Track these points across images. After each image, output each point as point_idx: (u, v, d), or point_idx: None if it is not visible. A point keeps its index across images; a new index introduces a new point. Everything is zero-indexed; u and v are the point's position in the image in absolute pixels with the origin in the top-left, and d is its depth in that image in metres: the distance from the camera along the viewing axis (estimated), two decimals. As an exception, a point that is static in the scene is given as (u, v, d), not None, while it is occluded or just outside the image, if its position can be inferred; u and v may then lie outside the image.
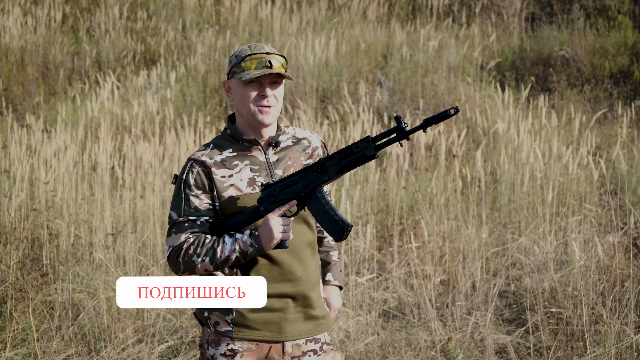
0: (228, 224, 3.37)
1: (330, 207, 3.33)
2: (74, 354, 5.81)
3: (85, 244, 7.15)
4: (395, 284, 6.82)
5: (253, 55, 3.33)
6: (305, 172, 3.33)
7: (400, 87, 12.15)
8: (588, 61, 13.43)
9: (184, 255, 3.29)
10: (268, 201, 3.33)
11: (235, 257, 3.27)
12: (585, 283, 6.40)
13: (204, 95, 11.98)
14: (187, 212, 3.34)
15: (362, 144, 3.22)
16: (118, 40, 13.74)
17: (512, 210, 8.09)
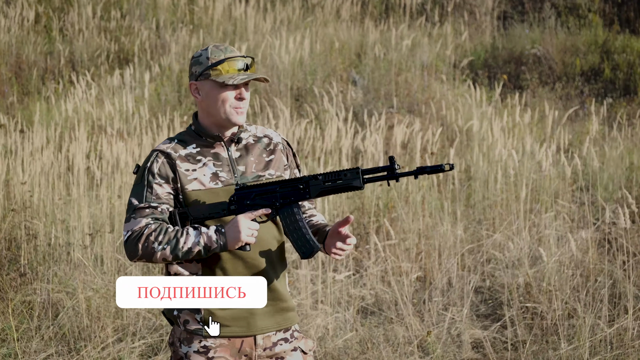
0: (195, 214, 3.37)
1: (304, 225, 3.37)
2: (54, 353, 5.84)
3: (63, 244, 7.17)
4: (373, 281, 6.89)
5: (230, 59, 3.38)
6: (285, 183, 3.37)
7: (374, 85, 12.23)
8: (559, 59, 13.58)
9: (145, 242, 3.27)
10: (242, 202, 3.36)
11: (198, 251, 3.28)
12: (559, 278, 6.51)
13: (178, 94, 12.00)
14: (149, 199, 3.35)
15: (351, 173, 3.27)
16: (91, 40, 13.72)
17: (487, 207, 8.20)
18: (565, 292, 6.37)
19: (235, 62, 3.38)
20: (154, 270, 6.94)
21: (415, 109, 11.60)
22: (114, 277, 6.69)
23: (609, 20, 15.06)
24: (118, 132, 9.86)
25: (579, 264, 6.84)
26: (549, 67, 13.51)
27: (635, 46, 13.58)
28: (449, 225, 7.50)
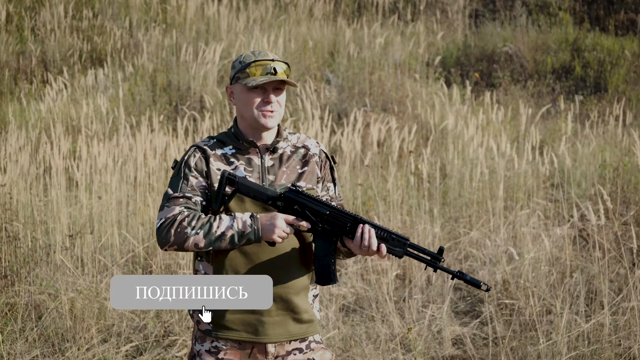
0: (242, 187, 3.40)
1: (332, 256, 3.42)
2: (39, 355, 5.88)
3: (44, 245, 7.20)
4: (353, 280, 6.99)
5: (258, 62, 3.44)
6: (337, 213, 3.40)
7: (348, 84, 12.33)
8: (531, 57, 13.76)
9: (177, 227, 3.28)
10: (291, 204, 3.40)
11: (231, 236, 3.29)
12: (536, 275, 6.65)
13: (152, 94, 12.02)
14: (184, 190, 3.40)
15: (399, 240, 3.34)
16: (64, 40, 13.69)
17: (463, 205, 8.32)
18: (542, 289, 6.50)
19: (262, 66, 3.45)
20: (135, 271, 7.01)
21: (389, 107, 11.71)
22: (96, 278, 6.75)
23: (579, 18, 15.27)
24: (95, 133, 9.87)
25: (555, 261, 6.98)
26: (520, 65, 13.67)
27: (605, 44, 13.79)
28: (427, 223, 7.62)
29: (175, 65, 12.57)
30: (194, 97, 11.83)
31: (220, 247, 3.32)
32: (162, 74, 12.38)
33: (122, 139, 9.03)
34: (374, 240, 3.33)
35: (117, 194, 7.81)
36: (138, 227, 7.49)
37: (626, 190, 8.56)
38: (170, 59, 12.86)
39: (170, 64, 12.71)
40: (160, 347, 6.03)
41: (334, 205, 3.43)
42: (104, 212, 7.57)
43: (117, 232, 7.32)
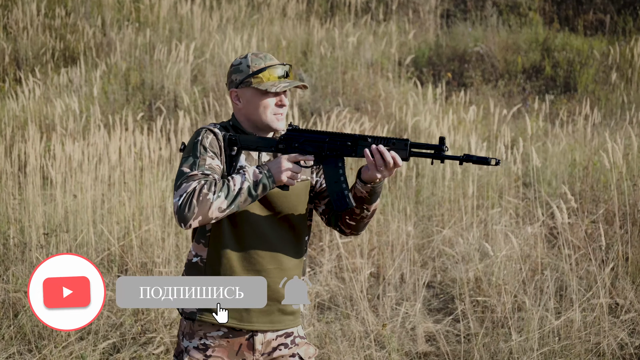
0: (244, 142, 3.48)
1: (344, 180, 3.48)
2: (16, 352, 5.91)
3: (19, 243, 7.22)
4: (327, 277, 7.07)
5: (271, 67, 3.51)
6: (335, 136, 3.48)
7: (321, 83, 12.40)
8: (501, 57, 13.90)
9: (198, 196, 3.27)
10: (290, 143, 3.49)
11: (247, 188, 3.33)
12: (507, 272, 6.76)
13: (126, 93, 12.04)
14: (202, 168, 3.40)
15: (399, 143, 3.38)
16: (36, 38, 13.66)
17: (436, 204, 8.42)
18: (514, 286, 6.61)
19: (275, 70, 3.51)
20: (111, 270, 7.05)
21: (362, 107, 11.80)
22: (72, 277, 6.77)
23: (549, 18, 15.44)
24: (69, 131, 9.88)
25: (527, 258, 7.09)
26: (491, 65, 13.81)
27: (575, 44, 13.96)
28: (400, 222, 7.71)
29: (149, 64, 12.59)
30: (167, 96, 11.85)
31: (240, 205, 3.34)
32: (135, 72, 12.39)
33: (96, 137, 9.04)
34: (387, 155, 3.36)
35: (92, 193, 7.84)
36: (114, 225, 7.52)
37: (595, 188, 8.70)
38: (143, 57, 12.88)
39: (143, 63, 12.72)
40: (137, 344, 6.07)
41: (330, 131, 3.50)
42: (79, 210, 7.60)
43: (93, 231, 7.35)
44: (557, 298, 6.55)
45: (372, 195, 3.53)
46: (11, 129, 10.10)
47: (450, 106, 11.84)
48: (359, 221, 3.61)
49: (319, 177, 3.70)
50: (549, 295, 6.39)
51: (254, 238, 3.52)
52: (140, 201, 7.91)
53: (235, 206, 3.33)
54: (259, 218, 3.53)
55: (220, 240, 3.50)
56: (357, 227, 3.64)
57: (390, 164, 3.36)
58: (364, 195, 3.51)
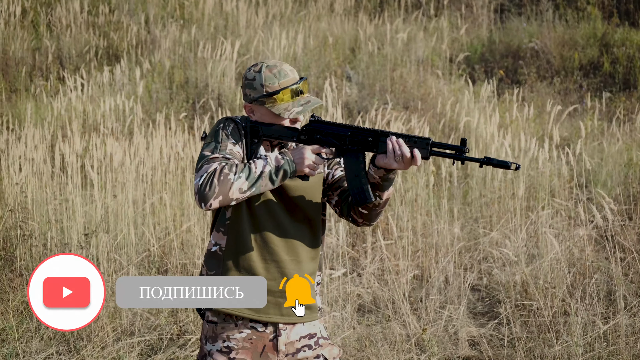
0: (266, 131, 3.62)
1: (364, 175, 3.59)
2: (55, 353, 6.10)
3: (59, 244, 7.42)
4: (370, 280, 7.17)
5: (284, 89, 3.61)
6: (357, 131, 3.62)
7: (369, 81, 12.49)
8: (557, 53, 13.85)
9: (219, 175, 3.40)
10: (312, 134, 3.63)
11: (268, 172, 3.46)
12: (555, 276, 6.80)
13: (170, 91, 12.23)
14: (224, 152, 3.53)
15: (421, 141, 3.51)
16: (80, 36, 13.91)
17: (484, 205, 8.48)
18: (562, 290, 6.65)
19: (289, 89, 3.62)
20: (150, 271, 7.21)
21: (411, 105, 11.88)
22: (112, 278, 6.96)
23: (608, 12, 15.34)
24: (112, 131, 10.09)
25: (576, 262, 7.12)
26: (546, 62, 13.78)
27: (635, 39, 13.85)
28: (446, 223, 7.78)
29: (193, 62, 12.78)
30: (211, 94, 12.03)
31: (261, 188, 3.47)
32: (179, 70, 12.58)
33: (138, 137, 9.21)
34: (406, 148, 3.49)
35: (133, 193, 8.01)
36: (154, 226, 7.70)
37: (651, 190, 8.69)
38: (187, 55, 13.08)
39: (187, 61, 12.92)
40: (175, 345, 6.23)
41: (353, 125, 3.63)
42: (119, 210, 7.78)
43: (133, 231, 7.53)
44: (605, 302, 6.58)
45: (385, 181, 3.63)
46: (54, 128, 10.33)
47: (503, 104, 11.85)
48: (372, 210, 3.70)
49: (330, 168, 3.83)
50: (597, 299, 6.42)
51: (271, 228, 3.65)
52: (181, 201, 8.07)
53: (256, 189, 3.46)
54: (277, 208, 3.66)
55: (239, 228, 3.63)
56: (369, 217, 3.73)
57: (407, 157, 3.49)
58: (376, 181, 3.62)
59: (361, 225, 3.79)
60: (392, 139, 3.52)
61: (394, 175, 3.64)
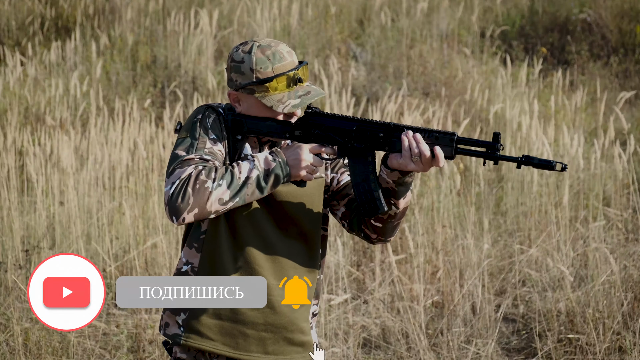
0: (251, 125, 3.57)
1: (374, 179, 3.54)
2: None
3: (-8, 263, 7.41)
4: (378, 307, 7.15)
5: (279, 77, 3.54)
6: (364, 124, 3.57)
7: (380, 61, 12.49)
8: (615, 26, 13.84)
9: (195, 183, 3.35)
10: (310, 129, 3.58)
11: (256, 177, 3.41)
12: (608, 303, 6.78)
13: (133, 73, 12.22)
14: (201, 152, 3.48)
15: (444, 137, 3.45)
16: (21, 4, 13.87)
17: (521, 215, 8.46)
18: (617, 320, 6.63)
19: (285, 77, 3.56)
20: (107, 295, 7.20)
21: (432, 91, 11.87)
22: (57, 304, 6.93)
23: (678, -24, 15.35)
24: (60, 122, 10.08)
25: (635, 285, 7.11)
26: (601, 37, 13.78)
27: None
28: (473, 237, 7.77)
29: (162, 37, 12.77)
30: (184, 77, 12.03)
31: (246, 197, 3.43)
32: (145, 47, 12.57)
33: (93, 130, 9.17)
34: (425, 145, 3.44)
35: (85, 200, 7.99)
36: (111, 240, 7.68)
37: None
38: (155, 28, 13.06)
39: (155, 35, 12.91)
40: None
41: (359, 117, 3.58)
42: (67, 221, 7.75)
43: (84, 247, 7.50)
44: (671, 336, 6.57)
45: (400, 186, 3.57)
46: (-13, 118, 10.32)
47: (546, 90, 11.85)
48: (387, 222, 3.65)
49: (335, 172, 3.77)
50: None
51: (256, 244, 3.61)
52: (145, 210, 8.05)
53: (240, 199, 3.42)
54: (263, 222, 3.62)
55: (215, 245, 3.60)
56: (384, 231, 3.67)
57: (426, 156, 3.43)
58: (390, 186, 3.56)
59: (376, 242, 3.73)
60: (409, 134, 3.46)
61: (412, 178, 3.59)
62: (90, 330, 6.78)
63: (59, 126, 10.05)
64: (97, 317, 5.23)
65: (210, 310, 3.61)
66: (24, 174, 8.92)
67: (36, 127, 10.24)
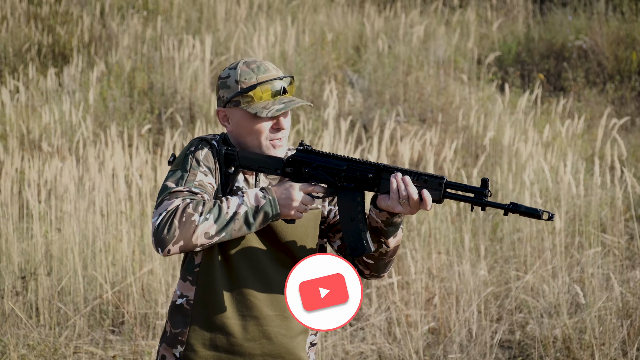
0: (244, 161, 3.61)
1: (362, 219, 3.60)
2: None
3: (-11, 289, 7.43)
4: (374, 334, 7.18)
5: (264, 84, 3.61)
6: (355, 165, 3.61)
7: (376, 87, 12.52)
8: (611, 53, 13.89)
9: (181, 216, 3.37)
10: (300, 167, 3.62)
11: (244, 213, 3.44)
12: (605, 330, 6.81)
13: (130, 99, 12.25)
14: (190, 185, 3.51)
15: (433, 181, 3.50)
16: (18, 30, 13.90)
17: (517, 242, 8.49)
18: (613, 347, 6.66)
19: (269, 85, 3.61)
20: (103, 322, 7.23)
21: (429, 117, 11.92)
22: (54, 331, 6.97)
23: (673, 3, 15.43)
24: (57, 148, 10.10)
25: (632, 312, 7.13)
26: (597, 64, 13.83)
27: None
28: (469, 263, 7.79)
29: (159, 63, 12.82)
30: (181, 103, 12.06)
31: (233, 233, 3.45)
32: (141, 73, 12.60)
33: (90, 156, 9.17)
34: (413, 188, 3.47)
35: (82, 227, 8.01)
36: (108, 267, 7.70)
37: None
38: (152, 54, 13.11)
39: (152, 62, 12.95)
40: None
41: (350, 157, 3.61)
42: (64, 248, 7.77)
43: (82, 273, 7.53)
44: (667, 363, 6.60)
45: (389, 227, 3.62)
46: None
47: (544, 116, 11.89)
48: (378, 260, 3.71)
49: (332, 205, 3.82)
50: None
51: (250, 277, 3.64)
52: (141, 237, 8.08)
53: (227, 234, 3.44)
54: (258, 253, 3.65)
55: (210, 277, 3.63)
56: (376, 268, 3.74)
57: (414, 199, 3.47)
58: (379, 225, 3.61)
59: (369, 277, 3.79)
60: (397, 177, 3.50)
61: (401, 219, 3.64)
62: (86, 357, 6.81)
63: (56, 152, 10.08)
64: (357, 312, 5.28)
65: (207, 342, 3.62)
66: (20, 200, 8.95)
67: (32, 153, 10.26)
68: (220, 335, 3.63)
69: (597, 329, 6.81)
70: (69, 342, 6.87)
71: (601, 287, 7.35)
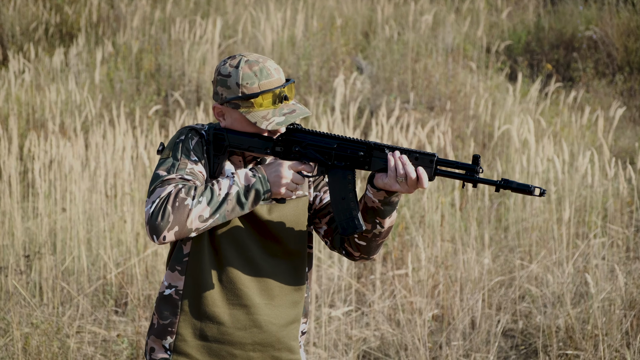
0: (233, 140, 3.61)
1: (354, 198, 3.61)
2: None
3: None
4: (378, 320, 7.21)
5: (265, 93, 3.58)
6: (346, 143, 3.63)
7: (385, 74, 12.52)
8: (621, 44, 13.88)
9: (174, 201, 3.38)
10: (290, 146, 3.64)
11: (236, 193, 3.44)
12: (608, 320, 6.84)
13: (137, 80, 12.26)
14: (182, 172, 3.53)
15: (424, 158, 3.51)
16: (25, 9, 13.90)
17: (522, 231, 8.51)
18: (616, 338, 6.68)
19: (270, 92, 3.59)
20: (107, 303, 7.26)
21: (436, 105, 11.92)
22: (57, 310, 7.00)
23: (685, -5, 15.40)
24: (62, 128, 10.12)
25: (635, 303, 7.16)
26: (607, 54, 13.82)
27: None
28: (474, 252, 7.82)
29: (167, 45, 12.82)
30: (188, 86, 12.07)
31: (227, 214, 3.47)
32: (149, 55, 12.61)
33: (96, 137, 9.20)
34: (410, 166, 3.48)
35: (87, 207, 8.04)
36: (112, 247, 7.73)
37: None
38: (160, 36, 13.11)
39: (160, 43, 12.96)
40: None
41: (340, 135, 3.64)
42: (69, 228, 7.80)
43: (86, 254, 7.56)
44: (670, 354, 6.62)
45: (386, 206, 3.62)
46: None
47: (553, 106, 11.89)
48: (371, 241, 3.70)
49: (318, 191, 3.84)
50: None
51: (240, 264, 3.66)
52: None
53: (220, 215, 3.45)
54: (247, 242, 3.67)
55: (199, 267, 3.64)
56: (368, 249, 3.73)
57: (412, 178, 3.48)
58: (376, 205, 3.61)
59: (358, 259, 3.78)
60: (395, 155, 3.52)
61: (398, 198, 3.64)
62: (89, 337, 6.85)
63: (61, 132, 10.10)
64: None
65: (197, 332, 3.65)
66: (25, 179, 8.98)
67: (39, 132, 10.28)
68: (210, 325, 3.65)
69: (601, 319, 6.84)
70: (72, 321, 6.90)
71: (605, 278, 7.37)
